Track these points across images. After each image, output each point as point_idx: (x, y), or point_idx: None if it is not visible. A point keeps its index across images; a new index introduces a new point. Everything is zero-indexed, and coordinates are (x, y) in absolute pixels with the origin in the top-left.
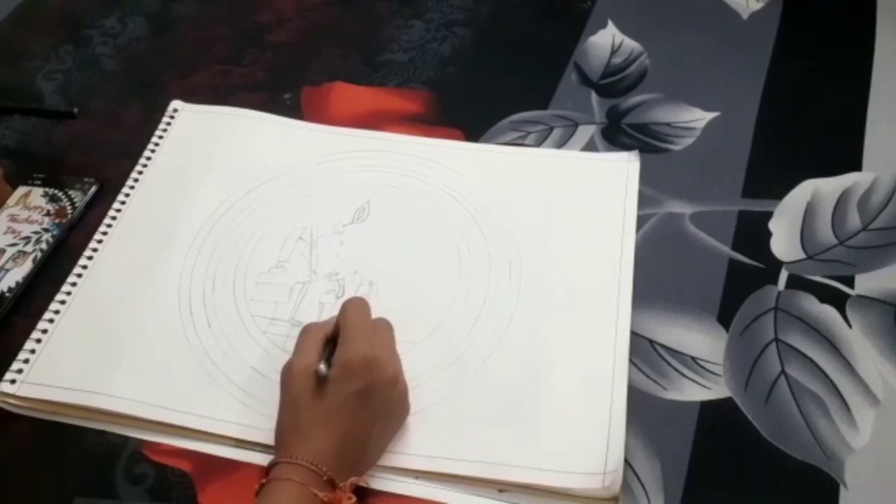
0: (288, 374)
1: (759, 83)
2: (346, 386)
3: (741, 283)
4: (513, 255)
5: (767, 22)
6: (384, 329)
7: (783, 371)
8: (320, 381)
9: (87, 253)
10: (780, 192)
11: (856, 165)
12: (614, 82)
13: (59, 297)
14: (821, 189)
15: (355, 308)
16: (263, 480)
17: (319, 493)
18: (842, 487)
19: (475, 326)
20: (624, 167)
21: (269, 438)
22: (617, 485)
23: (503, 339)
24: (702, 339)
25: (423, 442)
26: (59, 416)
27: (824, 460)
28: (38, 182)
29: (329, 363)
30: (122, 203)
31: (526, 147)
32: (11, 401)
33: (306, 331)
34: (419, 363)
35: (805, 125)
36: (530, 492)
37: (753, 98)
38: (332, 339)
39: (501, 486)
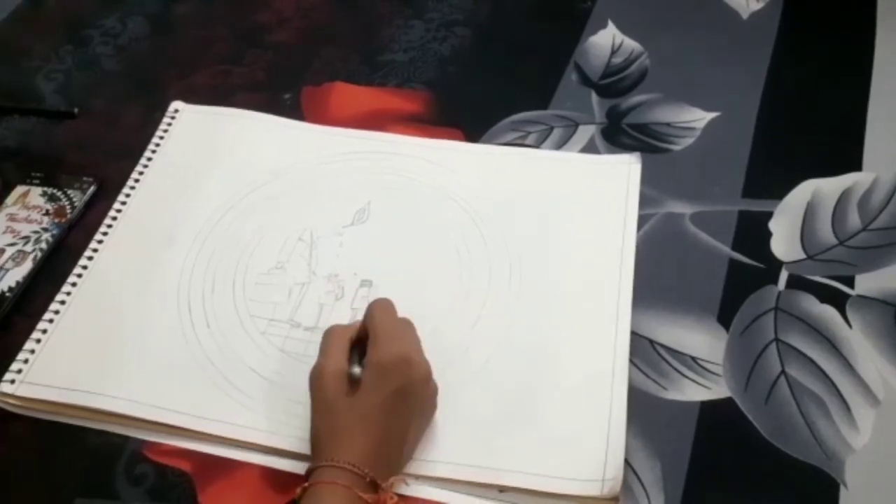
0: (319, 377)
1: (759, 83)
2: (382, 386)
3: (741, 283)
4: (513, 256)
5: (767, 22)
6: (409, 327)
7: (783, 371)
8: (354, 383)
9: (88, 253)
10: (780, 192)
11: (856, 165)
12: (614, 82)
13: (59, 297)
14: (821, 189)
15: (382, 309)
16: (305, 485)
17: (364, 494)
18: (842, 487)
19: (475, 328)
20: (625, 169)
21: (267, 440)
22: (616, 489)
23: (503, 341)
24: (702, 339)
25: (422, 446)
26: (58, 416)
27: (824, 460)
28: (37, 181)
29: (361, 365)
30: (123, 203)
31: (526, 147)
32: (11, 401)
33: (330, 333)
34: None
35: (805, 125)
36: (530, 492)
37: (753, 98)
38: (357, 342)
39: (502, 486)
